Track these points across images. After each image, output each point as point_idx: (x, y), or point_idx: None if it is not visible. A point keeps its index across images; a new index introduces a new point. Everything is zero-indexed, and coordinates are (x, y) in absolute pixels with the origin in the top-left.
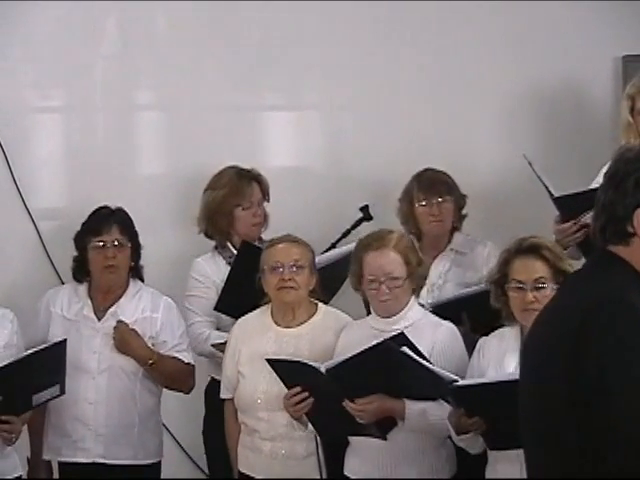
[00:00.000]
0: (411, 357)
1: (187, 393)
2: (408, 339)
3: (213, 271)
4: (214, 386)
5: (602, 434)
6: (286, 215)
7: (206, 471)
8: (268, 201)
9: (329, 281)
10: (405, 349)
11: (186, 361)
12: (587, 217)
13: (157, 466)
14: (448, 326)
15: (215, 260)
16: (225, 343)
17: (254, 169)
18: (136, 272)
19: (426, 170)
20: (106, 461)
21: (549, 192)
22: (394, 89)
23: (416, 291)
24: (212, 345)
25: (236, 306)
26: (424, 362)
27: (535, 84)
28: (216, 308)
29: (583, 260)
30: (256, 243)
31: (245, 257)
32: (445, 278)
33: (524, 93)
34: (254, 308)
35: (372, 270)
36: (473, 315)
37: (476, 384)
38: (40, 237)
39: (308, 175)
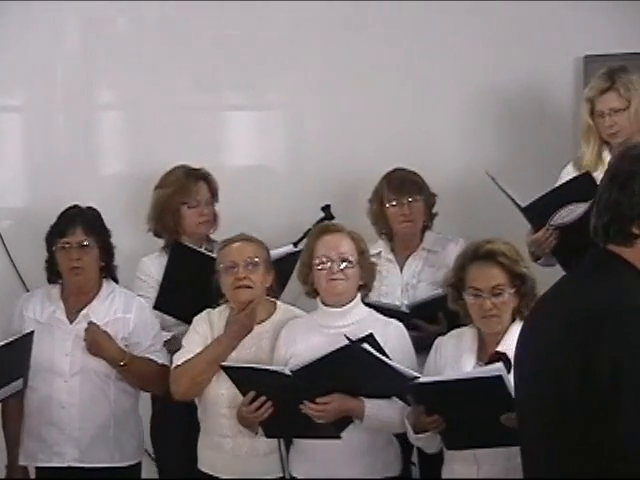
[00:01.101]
0: (373, 355)
1: (162, 394)
2: (376, 340)
3: (158, 270)
4: None
5: (610, 441)
6: (248, 214)
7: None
8: (217, 201)
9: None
10: (369, 347)
11: (160, 362)
12: (556, 219)
13: (137, 467)
14: (397, 324)
15: (161, 260)
16: (168, 341)
17: (203, 168)
18: (109, 273)
19: (396, 170)
20: (82, 465)
21: (516, 204)
22: (357, 89)
23: (363, 289)
24: None
25: (177, 306)
26: (388, 361)
27: (498, 83)
28: (155, 307)
29: (558, 267)
30: (198, 245)
31: (178, 257)
32: (419, 278)
33: (487, 92)
34: (199, 308)
35: (326, 251)
36: (450, 314)
37: (438, 381)
38: (1, 236)
39: (270, 175)
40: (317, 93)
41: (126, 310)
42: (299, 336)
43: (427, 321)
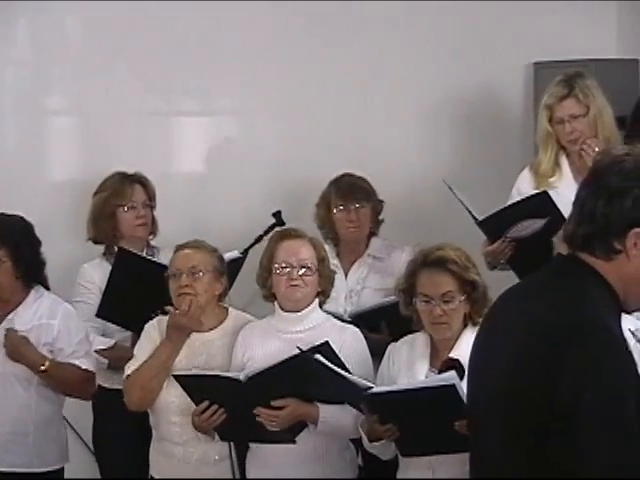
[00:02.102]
0: (327, 366)
1: (88, 400)
2: (332, 348)
3: (99, 277)
4: (102, 394)
5: (566, 459)
6: (198, 220)
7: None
8: (154, 205)
9: None
10: (320, 358)
11: (84, 367)
12: (513, 232)
13: (58, 473)
14: (353, 330)
15: (102, 266)
16: (110, 348)
17: (138, 172)
18: (33, 281)
19: (344, 175)
20: None
21: (472, 216)
22: (309, 95)
23: (321, 296)
24: (95, 351)
25: (120, 313)
26: (341, 371)
27: (450, 90)
28: (97, 314)
29: (511, 272)
30: (141, 251)
31: (124, 265)
32: (363, 284)
33: (439, 99)
34: (142, 315)
35: (286, 256)
36: (392, 323)
37: (391, 391)
38: None
39: (221, 180)
40: (267, 99)
41: (51, 316)
42: (256, 340)
43: (369, 329)
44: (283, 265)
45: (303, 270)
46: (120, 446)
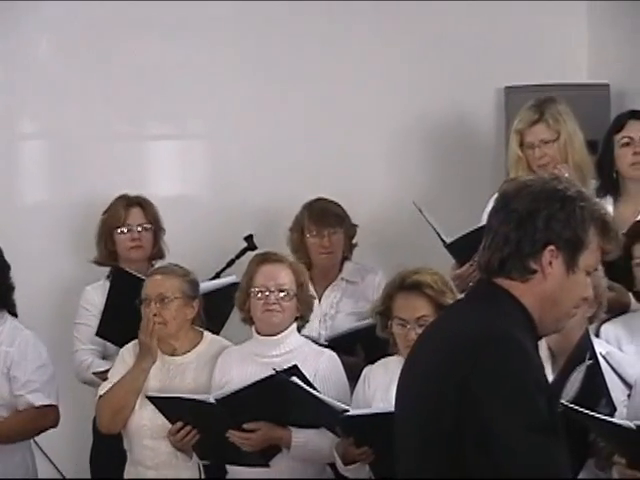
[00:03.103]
0: (303, 388)
1: (54, 428)
2: (301, 371)
3: (100, 299)
4: None
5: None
6: (170, 244)
7: None
8: (158, 229)
9: (216, 309)
10: (296, 380)
11: (38, 404)
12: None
13: None
14: (330, 354)
15: (104, 287)
16: (107, 371)
17: (141, 195)
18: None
19: (317, 200)
20: None
21: (441, 239)
22: (279, 118)
23: (299, 320)
24: (93, 373)
25: (118, 332)
26: (315, 392)
27: (422, 114)
28: (97, 334)
29: None
30: (137, 272)
31: (119, 284)
32: (337, 308)
33: (411, 122)
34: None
35: (264, 280)
36: (368, 347)
37: (366, 414)
38: None
39: (192, 204)
40: (240, 123)
41: (9, 343)
42: (234, 365)
43: (345, 353)
44: (261, 289)
45: (281, 295)
46: (117, 467)
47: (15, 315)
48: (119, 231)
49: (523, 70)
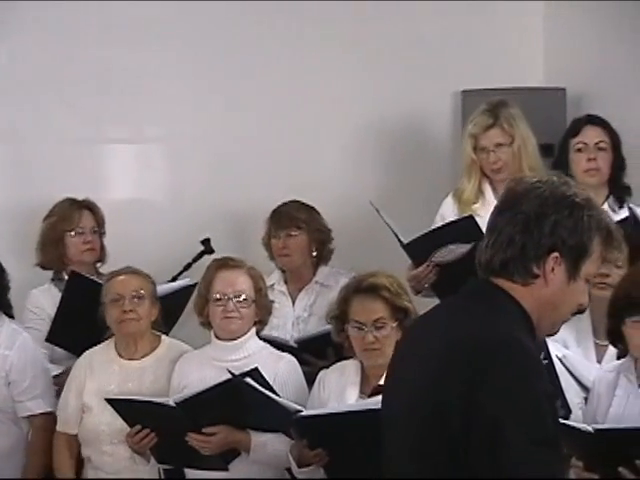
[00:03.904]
0: (257, 389)
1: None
2: (261, 374)
3: (48, 302)
4: None
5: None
6: (128, 248)
7: None
8: (104, 232)
9: (168, 312)
10: (250, 381)
11: (39, 411)
12: (437, 256)
13: None
14: (289, 359)
15: (51, 291)
16: (58, 376)
17: (88, 199)
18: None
19: (284, 203)
20: None
21: (398, 239)
22: (237, 122)
23: (258, 325)
24: None
25: (70, 338)
26: (269, 393)
27: (378, 117)
28: (47, 339)
29: (436, 299)
30: (91, 276)
31: (75, 288)
32: (310, 311)
33: (367, 126)
34: (92, 340)
35: (223, 287)
36: (340, 350)
37: (321, 414)
38: None
39: (150, 208)
40: (197, 126)
41: (8, 346)
42: (192, 369)
43: (316, 356)
44: (219, 296)
45: (239, 301)
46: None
47: (12, 317)
48: (72, 234)
49: (480, 74)
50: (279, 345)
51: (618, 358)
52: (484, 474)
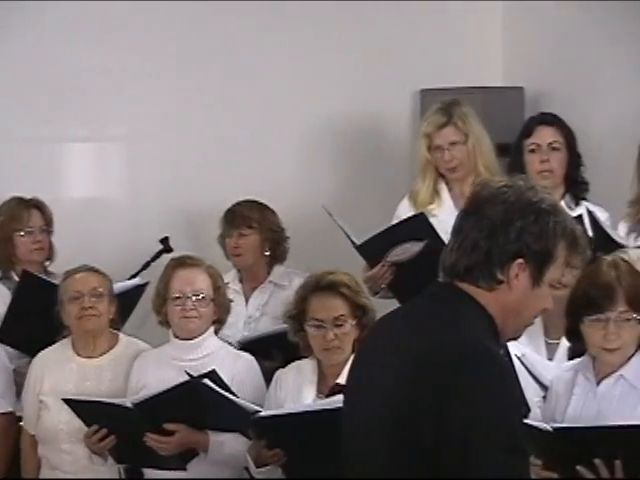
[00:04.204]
0: (214, 390)
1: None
2: (219, 376)
3: None
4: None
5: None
6: (86, 246)
7: None
8: (52, 231)
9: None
10: (208, 382)
11: (0, 411)
12: (392, 256)
13: None
14: (247, 358)
15: (0, 291)
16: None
17: (36, 197)
18: None
19: (239, 203)
20: None
21: (351, 241)
22: (195, 121)
23: (217, 324)
24: None
25: (21, 337)
26: (227, 394)
27: (337, 117)
28: None
29: (395, 301)
30: (42, 275)
31: (27, 287)
32: (262, 311)
33: (326, 125)
34: (44, 340)
35: (181, 286)
36: (286, 351)
37: (279, 414)
38: None
39: (108, 206)
40: (156, 125)
41: None
42: (150, 369)
43: (262, 357)
44: (177, 295)
45: (197, 300)
46: None
47: None
48: (22, 234)
49: (438, 73)
50: None
51: (570, 358)
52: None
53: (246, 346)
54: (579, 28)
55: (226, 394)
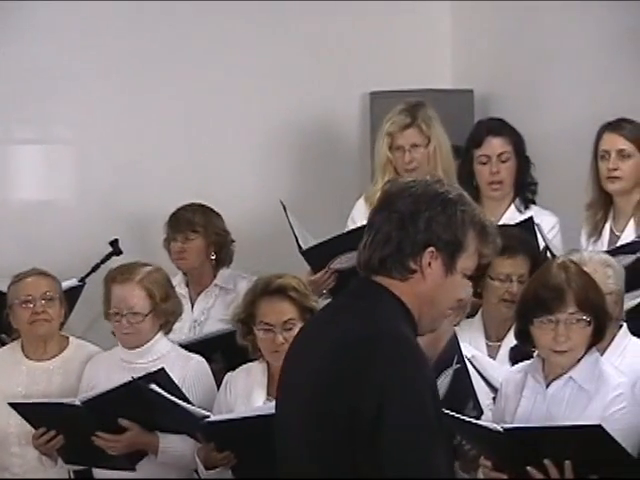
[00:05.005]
0: (161, 395)
1: None
2: (168, 375)
3: None
4: None
5: (376, 471)
6: (35, 249)
7: None
8: None
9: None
10: (155, 387)
11: None
12: (336, 263)
13: None
14: (198, 360)
15: None
16: None
17: None
18: None
19: (184, 206)
20: None
21: (298, 244)
22: (146, 123)
23: (165, 326)
24: None
25: None
26: (176, 399)
27: (288, 118)
28: None
29: None
30: None
31: None
32: (208, 314)
33: (276, 128)
34: None
35: (115, 303)
36: (228, 353)
37: (227, 419)
38: None
39: (57, 209)
40: (104, 127)
41: None
42: (102, 372)
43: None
44: (115, 311)
45: (133, 316)
46: None
47: None
48: None
49: (388, 76)
50: None
51: (513, 361)
52: (369, 466)
53: (187, 349)
54: (528, 31)
55: (173, 399)
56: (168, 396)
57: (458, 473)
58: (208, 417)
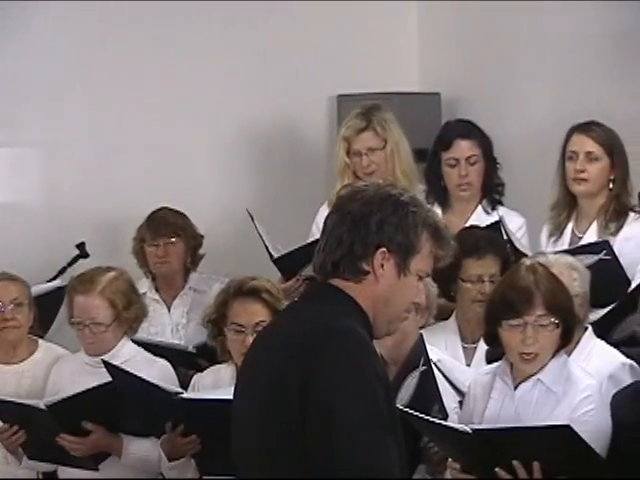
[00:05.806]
0: (133, 374)
1: None
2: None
3: None
4: None
5: (326, 468)
6: (3, 252)
7: None
8: None
9: (41, 314)
10: (126, 367)
11: None
12: (307, 271)
13: None
14: (163, 363)
15: None
16: None
17: None
18: None
19: (159, 209)
20: None
21: (269, 252)
22: (114, 126)
23: (129, 331)
24: None
25: None
26: (149, 379)
27: (254, 122)
28: None
29: None
30: None
31: None
32: (188, 317)
33: (243, 131)
34: None
35: (78, 313)
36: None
37: (202, 399)
38: None
39: (24, 212)
40: (74, 130)
41: None
42: (68, 375)
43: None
44: (77, 320)
45: (95, 326)
46: None
47: None
48: None
49: (355, 78)
50: (174, 351)
51: (488, 361)
52: (319, 459)
53: (201, 350)
54: (494, 35)
55: (144, 376)
56: (140, 374)
57: (424, 476)
58: (181, 393)
